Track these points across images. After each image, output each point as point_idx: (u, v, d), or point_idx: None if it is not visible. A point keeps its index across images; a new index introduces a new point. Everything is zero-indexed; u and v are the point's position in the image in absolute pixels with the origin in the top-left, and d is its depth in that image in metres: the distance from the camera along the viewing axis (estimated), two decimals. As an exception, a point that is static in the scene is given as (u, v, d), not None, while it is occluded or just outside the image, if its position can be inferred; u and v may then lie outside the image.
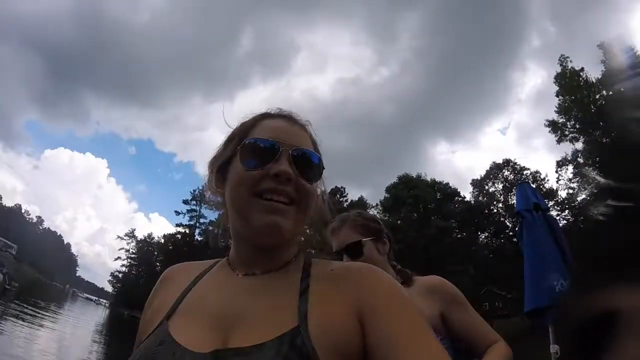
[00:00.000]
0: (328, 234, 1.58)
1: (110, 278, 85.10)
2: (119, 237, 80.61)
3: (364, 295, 0.64)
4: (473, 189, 51.54)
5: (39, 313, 25.94)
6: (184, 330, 0.63)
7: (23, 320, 19.52)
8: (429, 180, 51.29)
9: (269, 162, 0.69)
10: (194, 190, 66.33)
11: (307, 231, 0.83)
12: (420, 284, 1.52)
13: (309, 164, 0.72)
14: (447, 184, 52.29)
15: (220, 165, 0.77)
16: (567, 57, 36.72)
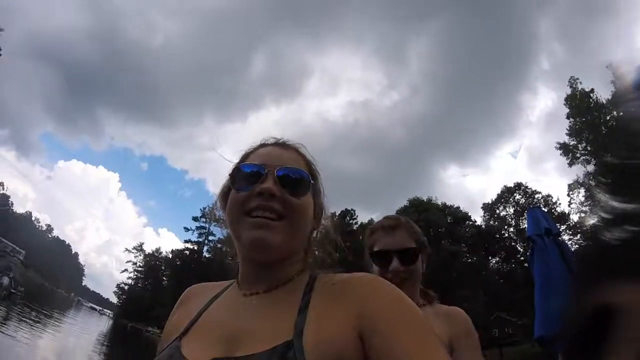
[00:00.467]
0: (376, 231, 1.50)
1: (115, 289, 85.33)
2: (127, 249, 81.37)
3: (366, 307, 0.63)
4: (484, 213, 50.92)
5: (42, 319, 25.95)
6: (192, 347, 0.69)
7: (26, 325, 19.52)
8: (439, 203, 50.71)
9: (256, 183, 0.74)
10: (204, 208, 66.39)
11: (316, 252, 0.84)
12: (441, 308, 1.45)
13: (294, 180, 0.76)
14: (458, 207, 51.59)
15: (225, 193, 0.82)
16: (577, 78, 36.52)
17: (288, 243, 0.73)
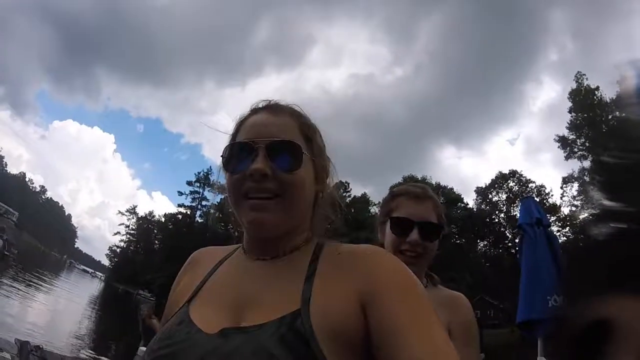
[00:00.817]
0: (399, 195, 1.39)
1: (108, 252, 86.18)
2: (120, 212, 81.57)
3: (368, 278, 0.65)
4: (476, 197, 51.43)
5: (34, 282, 26.26)
6: (201, 312, 0.69)
7: (18, 287, 19.75)
8: (433, 183, 50.95)
9: (247, 162, 0.72)
10: (199, 173, 66.66)
11: (322, 219, 0.81)
12: (443, 292, 1.37)
13: (285, 153, 0.73)
14: (452, 189, 51.99)
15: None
16: (584, 74, 36.48)
17: (286, 220, 0.72)
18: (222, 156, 0.77)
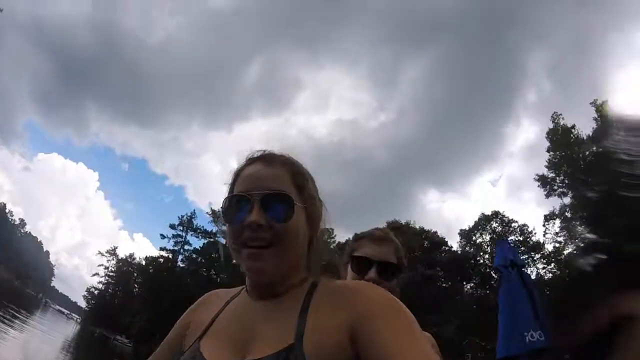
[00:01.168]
0: (362, 237, 1.50)
1: (85, 293, 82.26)
2: (100, 252, 78.20)
3: (357, 309, 0.69)
4: (460, 239, 51.48)
5: (7, 320, 25.01)
6: (210, 348, 0.77)
7: (-10, 326, 18.77)
8: (417, 228, 51.12)
9: (244, 213, 0.78)
10: (182, 216, 64.56)
11: (317, 258, 0.89)
12: None
13: (278, 204, 0.78)
14: (435, 232, 52.01)
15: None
16: (560, 114, 37.98)
17: (282, 266, 0.79)
18: (221, 207, 0.85)
